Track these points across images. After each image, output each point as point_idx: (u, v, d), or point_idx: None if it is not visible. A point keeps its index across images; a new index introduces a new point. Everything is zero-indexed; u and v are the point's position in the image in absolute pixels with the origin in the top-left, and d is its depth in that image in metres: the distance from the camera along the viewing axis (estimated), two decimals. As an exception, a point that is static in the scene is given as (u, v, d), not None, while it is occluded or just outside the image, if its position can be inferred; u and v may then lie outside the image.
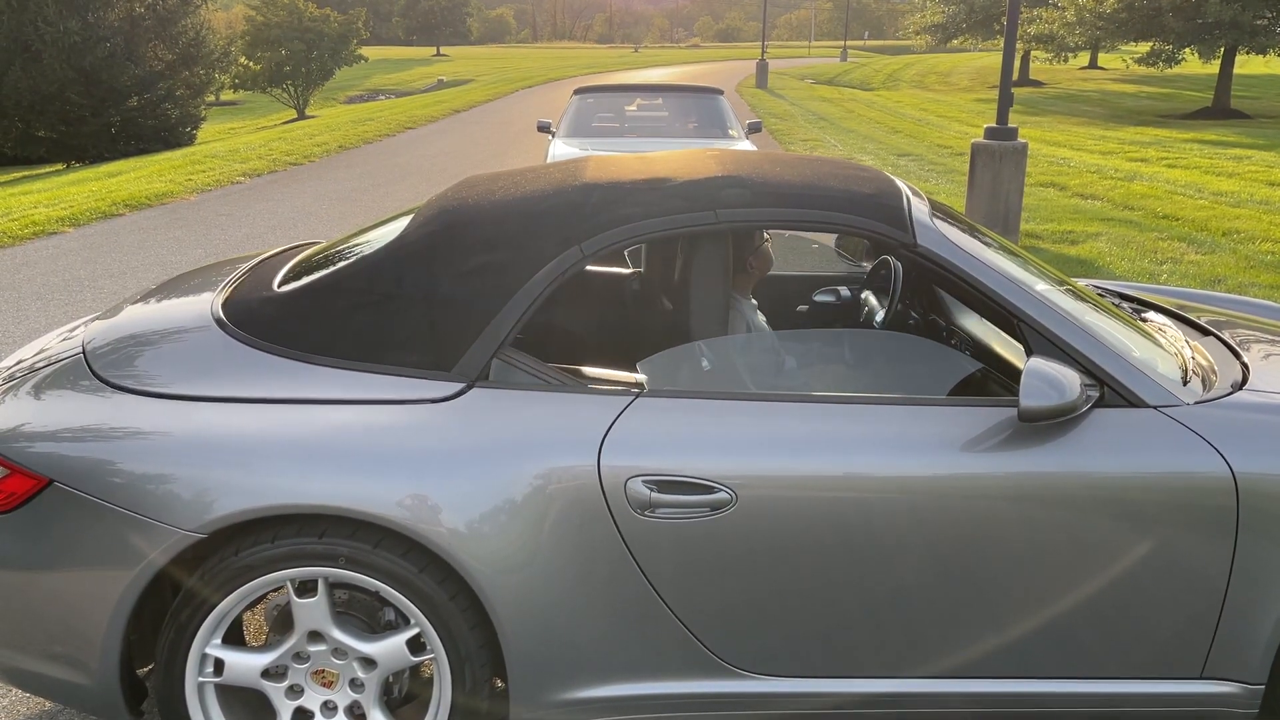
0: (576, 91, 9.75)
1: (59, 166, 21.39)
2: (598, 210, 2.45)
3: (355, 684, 2.30)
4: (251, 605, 2.26)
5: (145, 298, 2.84)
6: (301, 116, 30.15)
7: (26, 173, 20.04)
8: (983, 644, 2.32)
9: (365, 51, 36.26)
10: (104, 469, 2.18)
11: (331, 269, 2.55)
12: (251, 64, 31.12)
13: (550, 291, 2.37)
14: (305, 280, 2.54)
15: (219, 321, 2.47)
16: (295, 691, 2.31)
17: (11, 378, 2.55)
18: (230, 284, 2.75)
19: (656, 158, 2.82)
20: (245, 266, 2.95)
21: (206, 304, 2.59)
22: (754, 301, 3.31)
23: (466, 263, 2.41)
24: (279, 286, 2.59)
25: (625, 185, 2.55)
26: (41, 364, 2.59)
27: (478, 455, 2.19)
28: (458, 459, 2.19)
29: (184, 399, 2.28)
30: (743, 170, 2.63)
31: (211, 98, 27.95)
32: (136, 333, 2.52)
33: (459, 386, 2.29)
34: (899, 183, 2.69)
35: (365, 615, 2.31)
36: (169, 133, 23.29)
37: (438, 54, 79.35)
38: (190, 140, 23.80)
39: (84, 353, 2.47)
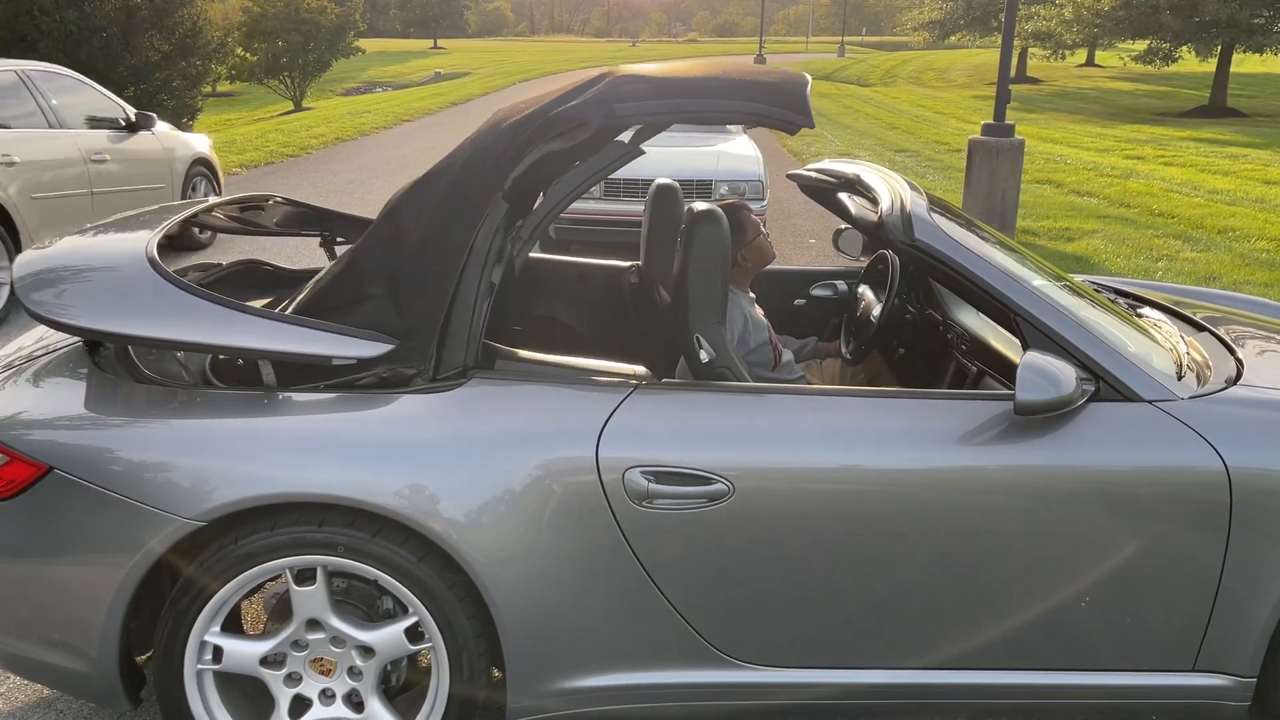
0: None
1: (55, 157, 21.32)
2: (504, 150, 2.39)
3: (353, 672, 2.31)
4: (250, 593, 2.27)
5: (83, 231, 2.73)
6: (298, 108, 30.08)
7: (22, 163, 19.98)
8: (976, 635, 2.33)
9: (362, 44, 36.13)
10: (103, 456, 2.18)
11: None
12: (248, 55, 31.02)
13: (497, 249, 2.34)
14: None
15: (151, 260, 2.40)
16: (293, 679, 2.32)
17: (10, 365, 2.55)
18: (168, 228, 2.69)
19: (557, 86, 2.71)
20: (187, 214, 2.87)
21: (142, 243, 2.50)
22: (752, 295, 3.32)
23: (412, 244, 2.39)
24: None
25: (528, 116, 2.46)
26: (41, 351, 2.59)
27: (477, 446, 2.20)
28: (457, 449, 2.19)
29: (100, 334, 2.23)
30: (642, 70, 2.55)
31: (208, 89, 27.82)
32: (67, 264, 2.44)
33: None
34: (807, 79, 2.61)
35: (363, 604, 2.33)
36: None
37: (435, 47, 79.19)
38: (187, 131, 23.72)
39: (11, 281, 2.39)
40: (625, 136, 3.10)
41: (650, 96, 2.33)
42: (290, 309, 2.53)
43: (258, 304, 2.79)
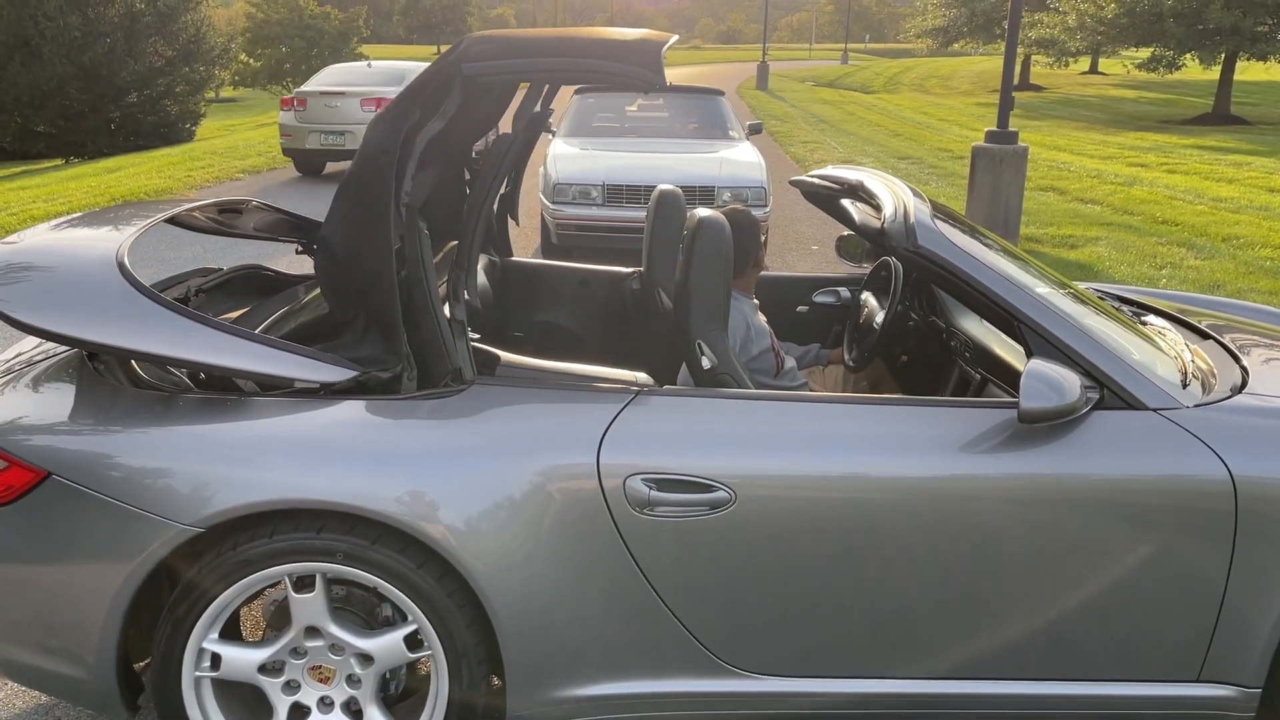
0: (577, 91, 9.74)
1: (58, 162, 21.34)
2: (386, 144, 2.34)
3: (352, 680, 2.30)
4: (249, 600, 2.26)
5: (56, 227, 2.69)
6: (301, 114, 30.11)
7: (25, 168, 20.02)
8: (980, 645, 2.31)
9: (366, 49, 36.25)
10: (102, 462, 2.17)
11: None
12: (252, 61, 31.14)
13: (427, 243, 2.32)
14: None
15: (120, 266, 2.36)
16: (292, 687, 2.30)
17: (9, 370, 2.54)
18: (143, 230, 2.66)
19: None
20: (165, 215, 2.85)
21: (114, 246, 2.45)
22: (755, 301, 3.31)
23: (346, 258, 2.38)
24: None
25: (396, 98, 2.42)
26: (40, 357, 2.58)
27: (477, 452, 2.19)
28: (457, 455, 2.18)
29: (58, 336, 2.20)
30: (496, 32, 2.51)
31: (211, 94, 27.90)
32: (36, 262, 2.40)
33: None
34: (670, 37, 2.57)
35: (363, 611, 2.31)
36: (168, 129, 23.25)
37: (438, 53, 79.35)
38: (189, 137, 23.76)
39: None
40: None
41: (499, 56, 2.31)
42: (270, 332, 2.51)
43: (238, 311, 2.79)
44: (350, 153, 9.05)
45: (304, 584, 2.22)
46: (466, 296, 2.42)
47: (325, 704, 2.31)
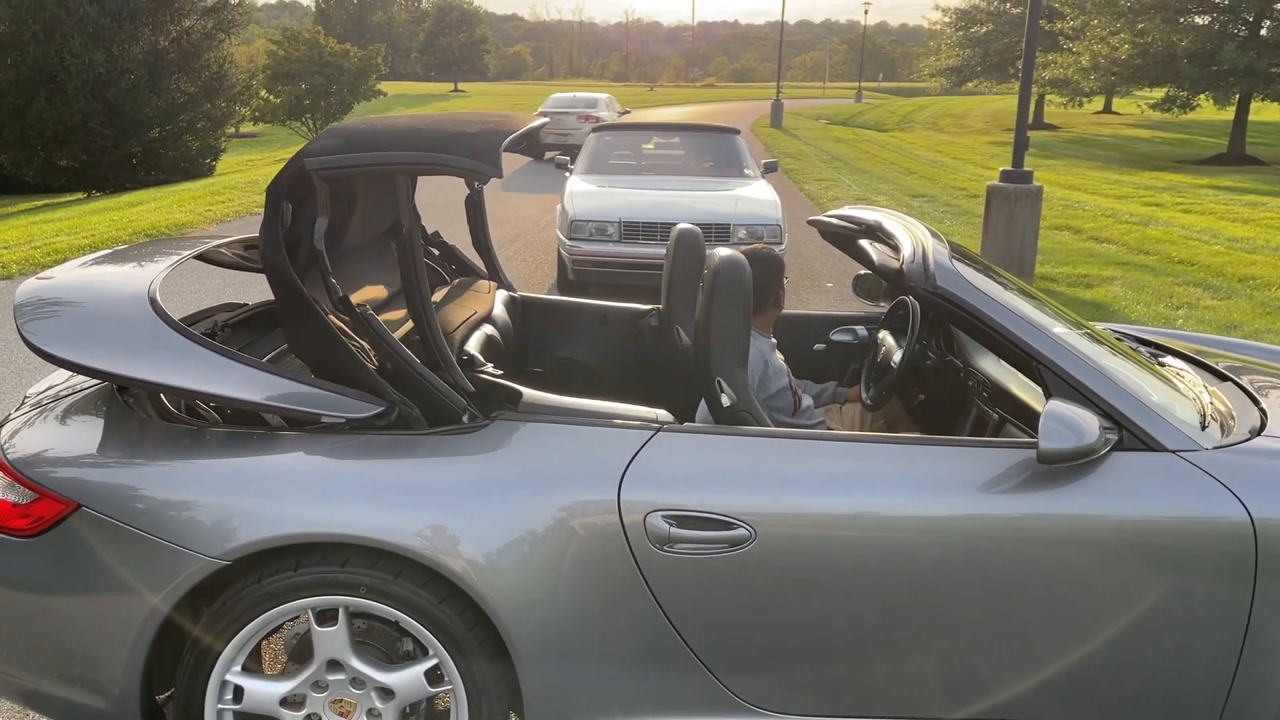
0: (594, 130, 9.84)
1: (80, 195, 21.62)
2: (274, 217, 2.41)
3: (372, 714, 2.31)
4: (271, 633, 2.27)
5: (85, 264, 2.74)
6: (320, 149, 30.41)
7: (48, 201, 20.28)
8: (997, 685, 2.31)
9: (384, 86, 36.68)
10: (130, 495, 2.20)
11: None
12: (272, 97, 31.52)
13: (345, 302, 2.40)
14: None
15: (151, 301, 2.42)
16: (312, 720, 2.31)
17: (40, 403, 2.58)
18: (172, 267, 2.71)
19: None
20: (195, 251, 2.89)
21: (145, 282, 2.51)
22: (773, 340, 3.34)
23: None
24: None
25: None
26: (69, 391, 2.62)
27: (500, 487, 2.21)
28: (480, 490, 2.20)
29: (89, 370, 2.24)
30: (353, 124, 2.58)
31: (231, 130, 28.25)
32: (69, 297, 2.45)
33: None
34: (533, 123, 2.59)
35: (384, 645, 2.32)
36: (189, 163, 23.56)
37: (455, 90, 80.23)
38: (210, 171, 24.07)
39: (14, 307, 2.39)
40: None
41: (341, 150, 2.39)
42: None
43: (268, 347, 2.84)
44: (569, 147, 12.15)
45: (327, 617, 2.24)
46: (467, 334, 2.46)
47: (345, 738, 2.32)
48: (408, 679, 2.26)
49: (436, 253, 3.75)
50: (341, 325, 2.41)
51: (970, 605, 2.24)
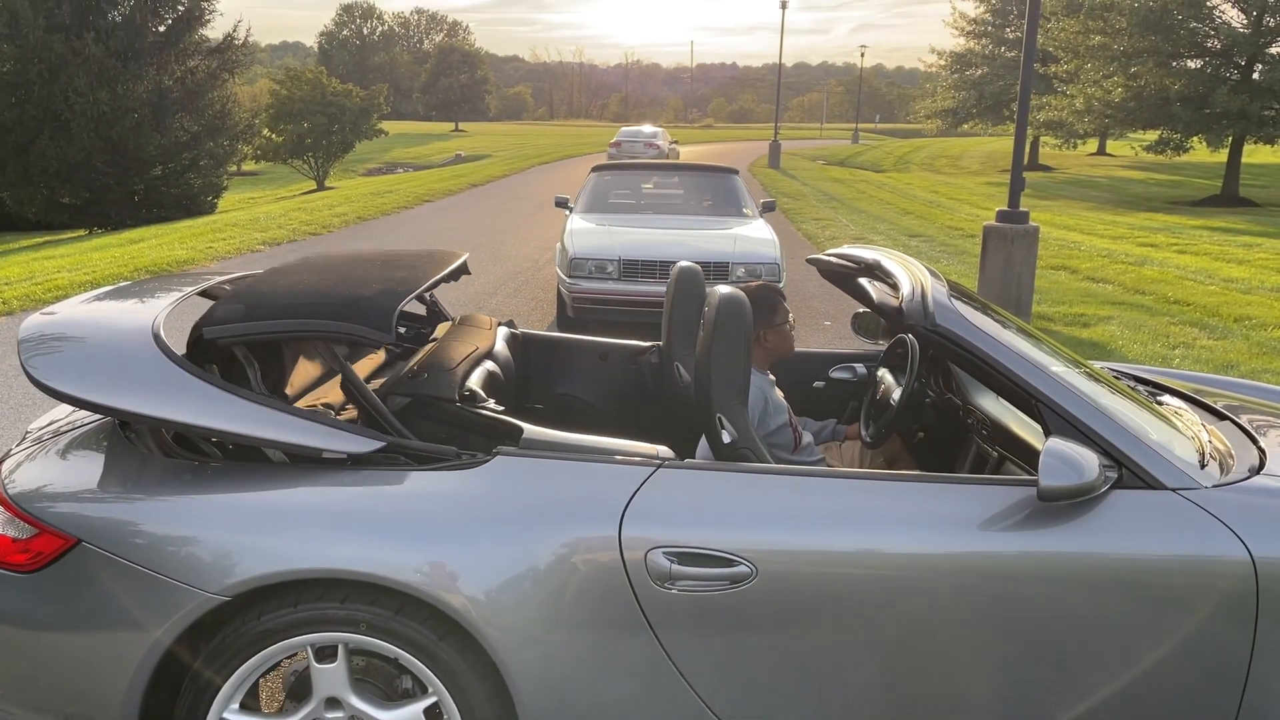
0: (594, 169, 9.92)
1: (82, 232, 21.71)
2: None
3: (370, 752, 2.29)
4: (268, 670, 2.26)
5: (90, 299, 2.78)
6: (321, 188, 30.63)
7: (50, 238, 20.36)
8: (1002, 726, 2.29)
9: (385, 126, 36.95)
10: (131, 530, 2.20)
11: None
12: (274, 136, 31.74)
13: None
14: None
15: (155, 337, 2.45)
16: (310, 759, 2.29)
17: (41, 438, 2.58)
18: (176, 303, 2.75)
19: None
20: (198, 288, 2.93)
21: (149, 317, 2.56)
22: (772, 377, 3.35)
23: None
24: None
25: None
26: (70, 426, 2.63)
27: (500, 523, 2.21)
28: (480, 527, 2.20)
29: (92, 405, 2.26)
30: (246, 288, 2.65)
31: (233, 167, 28.40)
32: (73, 333, 2.47)
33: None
34: (413, 290, 2.66)
35: (383, 683, 2.31)
36: (191, 201, 23.66)
37: (456, 129, 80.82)
38: (211, 209, 24.17)
39: (18, 342, 2.43)
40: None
41: (239, 318, 2.46)
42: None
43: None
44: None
45: (325, 654, 2.23)
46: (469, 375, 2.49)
47: (343, 777, 2.30)
48: (406, 717, 2.25)
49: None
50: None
51: (970, 643, 2.24)
